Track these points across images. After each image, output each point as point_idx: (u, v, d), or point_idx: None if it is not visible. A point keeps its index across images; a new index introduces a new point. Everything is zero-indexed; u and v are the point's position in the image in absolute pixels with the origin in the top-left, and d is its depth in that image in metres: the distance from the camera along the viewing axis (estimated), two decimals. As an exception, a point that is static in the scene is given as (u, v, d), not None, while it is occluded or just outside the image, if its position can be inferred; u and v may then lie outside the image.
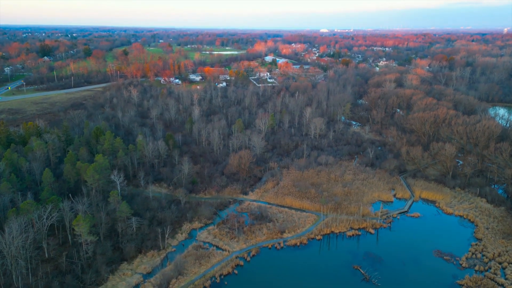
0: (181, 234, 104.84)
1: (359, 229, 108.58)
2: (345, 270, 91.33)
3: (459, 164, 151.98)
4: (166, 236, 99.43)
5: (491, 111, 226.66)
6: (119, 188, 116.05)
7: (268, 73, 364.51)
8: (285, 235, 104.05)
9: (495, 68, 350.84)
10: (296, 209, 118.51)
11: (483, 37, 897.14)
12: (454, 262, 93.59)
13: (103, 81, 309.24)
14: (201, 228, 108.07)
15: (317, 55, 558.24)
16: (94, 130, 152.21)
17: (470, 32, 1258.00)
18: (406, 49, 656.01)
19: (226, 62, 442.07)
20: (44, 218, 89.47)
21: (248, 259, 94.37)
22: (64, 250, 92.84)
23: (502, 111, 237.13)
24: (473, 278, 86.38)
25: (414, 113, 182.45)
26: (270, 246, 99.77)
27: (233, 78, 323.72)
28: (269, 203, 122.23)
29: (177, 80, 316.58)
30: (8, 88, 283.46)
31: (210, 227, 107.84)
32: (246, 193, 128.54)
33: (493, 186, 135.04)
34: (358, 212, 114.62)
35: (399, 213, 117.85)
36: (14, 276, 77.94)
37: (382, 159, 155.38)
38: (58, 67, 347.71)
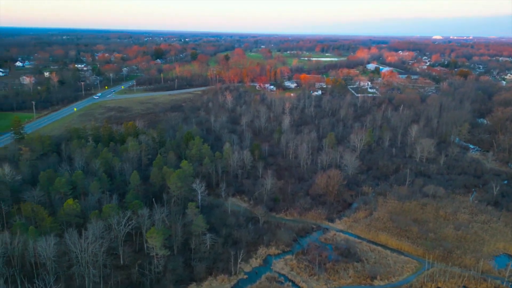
0: (256, 259, 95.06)
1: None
2: None
3: None
4: (239, 260, 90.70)
5: None
6: (199, 197, 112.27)
7: (369, 83, 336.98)
8: (376, 282, 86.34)
9: None
10: (392, 250, 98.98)
11: None
12: None
13: (204, 85, 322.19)
14: (278, 255, 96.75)
15: (428, 64, 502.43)
16: (185, 134, 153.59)
17: None
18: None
19: (323, 69, 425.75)
20: (122, 224, 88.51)
21: (328, 305, 79.84)
22: (138, 258, 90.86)
23: None
24: None
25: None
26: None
27: (329, 86, 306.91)
28: (358, 237, 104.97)
29: (271, 87, 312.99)
30: (122, 87, 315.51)
31: (288, 256, 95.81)
32: (332, 220, 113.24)
33: None
34: (476, 267, 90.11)
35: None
36: (86, 281, 77.27)
37: (511, 198, 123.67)
38: (166, 70, 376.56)
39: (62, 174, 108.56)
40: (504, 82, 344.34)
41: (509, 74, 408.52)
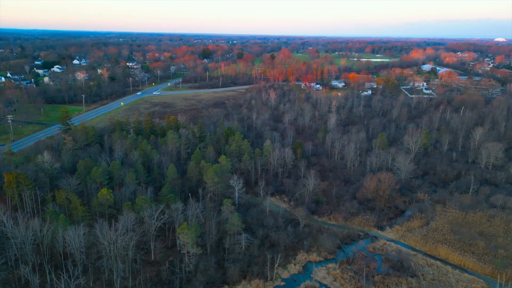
0: (294, 265, 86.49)
1: (563, 324, 69.52)
2: None
3: None
4: (276, 264, 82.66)
5: None
6: (236, 195, 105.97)
7: (425, 83, 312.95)
8: (434, 303, 74.19)
9: None
10: (454, 266, 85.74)
11: None
12: None
13: (248, 83, 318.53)
14: (319, 262, 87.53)
15: (491, 65, 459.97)
16: (226, 130, 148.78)
17: None
18: None
19: (374, 70, 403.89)
20: (154, 218, 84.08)
21: (376, 325, 69.20)
22: (170, 255, 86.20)
23: None
24: None
25: None
26: (410, 313, 71.99)
27: (380, 86, 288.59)
28: (413, 249, 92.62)
29: (317, 86, 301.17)
30: (168, 84, 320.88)
31: (331, 265, 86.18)
32: (382, 228, 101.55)
33: None
34: (561, 296, 74.52)
35: None
36: (114, 275, 73.32)
37: None
38: (211, 68, 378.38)
39: (101, 164, 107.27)
40: None
41: None
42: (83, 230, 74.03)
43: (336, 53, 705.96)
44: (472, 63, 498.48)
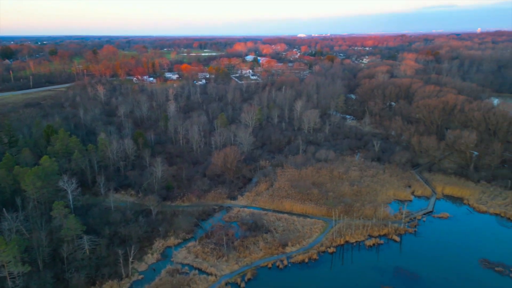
0: (152, 254, 79.53)
1: (379, 236, 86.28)
2: (374, 295, 68.20)
3: (474, 154, 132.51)
4: (131, 259, 73.92)
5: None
6: (70, 197, 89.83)
7: (251, 70, 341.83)
8: (288, 249, 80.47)
9: (483, 60, 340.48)
10: (298, 215, 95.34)
11: (459, 37, 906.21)
12: (511, 275, 72.18)
13: (68, 81, 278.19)
14: (178, 245, 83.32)
15: (299, 54, 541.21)
16: (45, 129, 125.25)
17: (445, 33, 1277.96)
18: (387, 48, 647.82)
19: (205, 61, 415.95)
20: None
21: (243, 284, 70.32)
22: (-17, 287, 65.67)
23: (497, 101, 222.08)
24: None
25: (417, 101, 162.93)
26: (270, 265, 76.02)
27: (213, 75, 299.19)
28: (263, 209, 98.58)
29: (151, 78, 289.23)
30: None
31: (191, 244, 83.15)
32: (234, 198, 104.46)
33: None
34: (375, 216, 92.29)
35: (424, 214, 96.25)
36: None
37: (390, 153, 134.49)
38: (17, 68, 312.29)
39: None
40: (363, 64, 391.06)
41: (364, 58, 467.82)
42: None
43: (165, 49, 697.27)
44: (284, 53, 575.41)
